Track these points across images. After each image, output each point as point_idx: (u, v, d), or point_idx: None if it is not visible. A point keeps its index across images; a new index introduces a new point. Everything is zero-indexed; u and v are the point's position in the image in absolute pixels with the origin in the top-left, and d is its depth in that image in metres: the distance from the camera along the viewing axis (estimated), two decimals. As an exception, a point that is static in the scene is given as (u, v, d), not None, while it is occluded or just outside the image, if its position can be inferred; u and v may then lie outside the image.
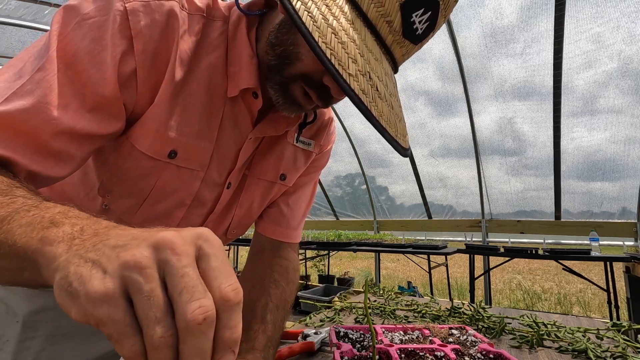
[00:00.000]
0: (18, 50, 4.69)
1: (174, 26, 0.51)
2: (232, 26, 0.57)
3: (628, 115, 3.53)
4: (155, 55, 0.51)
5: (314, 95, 0.53)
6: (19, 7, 3.81)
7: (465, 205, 4.85)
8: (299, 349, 0.66)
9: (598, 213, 3.99)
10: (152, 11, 0.49)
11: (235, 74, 0.57)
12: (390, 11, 0.46)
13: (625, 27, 3.16)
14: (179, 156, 0.57)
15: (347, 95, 0.43)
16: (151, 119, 0.53)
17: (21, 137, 0.43)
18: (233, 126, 0.61)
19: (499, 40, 3.59)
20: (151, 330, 0.23)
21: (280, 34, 0.53)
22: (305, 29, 0.40)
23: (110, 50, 0.47)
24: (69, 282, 0.25)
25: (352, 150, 5.37)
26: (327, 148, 0.83)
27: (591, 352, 0.63)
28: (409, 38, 0.48)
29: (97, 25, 0.47)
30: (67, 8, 0.48)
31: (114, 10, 0.47)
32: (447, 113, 4.49)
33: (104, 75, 0.47)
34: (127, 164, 0.56)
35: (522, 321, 0.83)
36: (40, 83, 0.44)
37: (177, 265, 0.24)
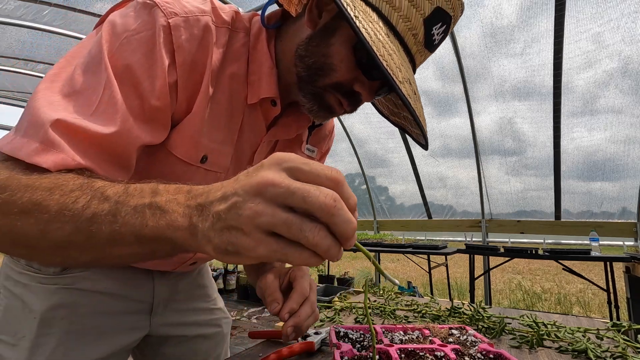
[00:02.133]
0: (18, 50, 4.69)
1: (208, 39, 0.55)
2: (253, 37, 0.62)
3: (628, 115, 3.53)
4: (192, 67, 0.54)
5: (346, 102, 0.59)
6: (18, 7, 3.81)
7: (465, 205, 4.85)
8: (299, 349, 0.66)
9: (598, 213, 4.00)
10: (191, 26, 0.53)
11: (255, 83, 0.61)
12: (415, 25, 0.53)
13: (625, 27, 3.16)
14: (209, 161, 0.61)
15: (401, 99, 0.49)
16: (188, 126, 0.57)
17: (105, 154, 0.47)
18: (250, 131, 0.65)
19: (499, 41, 3.59)
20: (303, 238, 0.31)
21: (310, 47, 0.57)
22: (369, 45, 0.46)
23: (160, 63, 0.51)
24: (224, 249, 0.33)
25: (352, 150, 5.37)
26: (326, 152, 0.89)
27: (591, 352, 0.63)
28: (428, 47, 0.57)
29: (145, 40, 0.50)
30: (112, 24, 0.51)
31: (158, 26, 0.51)
32: (447, 113, 4.50)
33: (155, 87, 0.51)
34: (160, 169, 0.59)
35: (522, 321, 0.83)
36: (110, 103, 0.47)
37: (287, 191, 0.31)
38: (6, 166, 0.42)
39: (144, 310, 0.76)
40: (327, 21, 0.57)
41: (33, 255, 0.41)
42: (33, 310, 0.63)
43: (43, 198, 0.38)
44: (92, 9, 3.91)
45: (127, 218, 0.36)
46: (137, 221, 0.36)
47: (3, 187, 0.39)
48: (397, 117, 0.77)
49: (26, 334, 0.63)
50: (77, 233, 0.37)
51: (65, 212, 0.37)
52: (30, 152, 0.42)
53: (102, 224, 0.37)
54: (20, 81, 5.58)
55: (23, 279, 0.65)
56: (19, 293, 0.65)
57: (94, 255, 0.39)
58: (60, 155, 0.42)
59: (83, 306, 0.66)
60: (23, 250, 0.41)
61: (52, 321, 0.64)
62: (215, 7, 0.58)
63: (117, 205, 0.37)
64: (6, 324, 0.64)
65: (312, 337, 0.70)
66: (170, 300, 0.81)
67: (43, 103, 0.45)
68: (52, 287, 0.64)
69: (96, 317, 0.68)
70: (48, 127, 0.42)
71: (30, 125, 0.43)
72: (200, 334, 0.87)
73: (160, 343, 0.82)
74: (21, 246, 0.40)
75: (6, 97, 6.28)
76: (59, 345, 0.63)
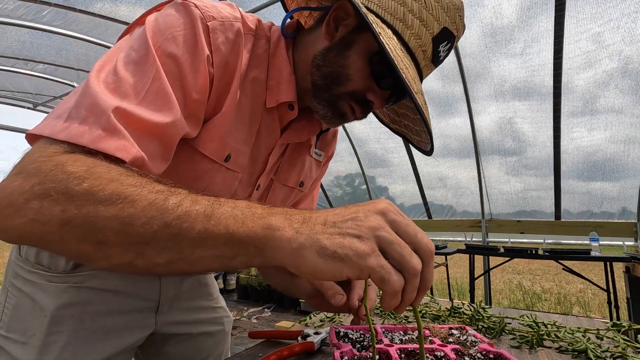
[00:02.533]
0: (18, 50, 4.69)
1: (239, 44, 0.59)
2: (273, 45, 0.66)
3: (628, 115, 3.53)
4: (225, 69, 0.58)
5: (358, 109, 0.64)
6: (18, 7, 3.81)
7: (465, 205, 4.85)
8: (299, 349, 0.66)
9: (598, 213, 3.99)
10: (226, 30, 0.57)
11: (274, 88, 0.65)
12: (425, 43, 0.59)
13: (625, 27, 3.16)
14: (231, 159, 0.64)
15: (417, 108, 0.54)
16: (218, 125, 0.60)
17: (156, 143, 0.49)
18: (266, 134, 0.68)
19: (498, 41, 3.59)
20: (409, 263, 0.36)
21: (328, 57, 0.62)
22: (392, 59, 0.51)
23: (202, 60, 0.53)
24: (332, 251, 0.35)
25: (352, 150, 5.37)
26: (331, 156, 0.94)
27: (591, 352, 0.63)
28: (434, 62, 0.63)
29: (188, 37, 0.53)
30: (154, 22, 0.54)
31: (198, 28, 0.54)
32: (447, 113, 4.49)
33: (198, 82, 0.54)
34: (186, 166, 0.61)
35: (522, 321, 0.83)
36: (160, 94, 0.49)
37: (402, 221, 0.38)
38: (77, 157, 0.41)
39: (151, 308, 0.77)
40: (343, 35, 0.61)
41: (98, 254, 0.39)
42: (43, 309, 0.64)
43: (130, 192, 0.38)
44: (92, 8, 3.90)
45: (222, 218, 0.37)
46: (232, 222, 0.37)
47: (83, 177, 0.38)
48: (397, 124, 0.81)
49: (36, 333, 0.63)
50: (164, 229, 0.37)
51: (155, 207, 0.37)
52: (94, 138, 0.42)
53: (195, 222, 0.37)
54: (20, 81, 5.58)
55: (33, 278, 0.66)
56: (28, 291, 0.65)
57: (171, 257, 0.38)
58: (122, 141, 0.43)
59: (92, 304, 0.67)
60: (90, 247, 0.38)
61: (62, 319, 0.64)
62: (243, 15, 0.62)
63: (212, 207, 0.38)
64: (15, 323, 0.65)
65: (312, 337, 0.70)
66: (176, 298, 0.82)
67: (98, 91, 0.45)
68: (62, 286, 0.65)
69: (105, 315, 0.68)
70: (110, 114, 0.43)
71: (89, 113, 0.44)
72: (204, 332, 0.88)
73: (164, 341, 0.83)
74: (91, 242, 0.38)
75: (6, 97, 6.28)
76: (69, 343, 0.64)
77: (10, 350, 0.63)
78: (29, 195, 0.38)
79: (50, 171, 0.39)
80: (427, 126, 0.59)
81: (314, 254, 0.35)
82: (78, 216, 0.37)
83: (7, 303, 0.67)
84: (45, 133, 0.43)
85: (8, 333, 0.65)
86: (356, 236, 0.35)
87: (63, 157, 0.40)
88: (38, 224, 0.37)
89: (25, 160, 0.42)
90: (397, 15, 0.57)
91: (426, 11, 0.58)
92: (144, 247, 0.38)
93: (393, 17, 0.57)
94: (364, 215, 0.37)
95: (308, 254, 0.35)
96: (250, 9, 3.64)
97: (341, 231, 0.36)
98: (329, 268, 0.35)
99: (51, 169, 0.39)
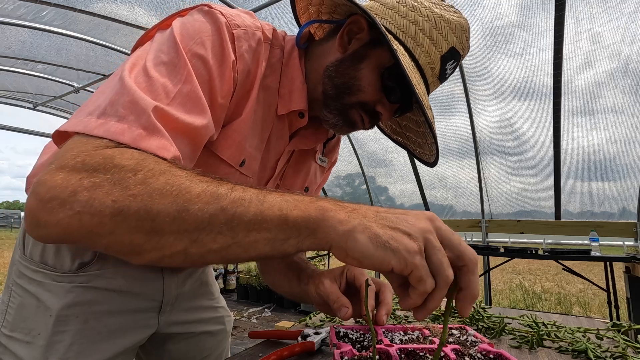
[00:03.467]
0: (18, 50, 4.68)
1: (260, 52, 0.61)
2: (286, 54, 0.68)
3: (628, 115, 3.53)
4: (247, 75, 0.60)
5: (367, 119, 0.67)
6: (18, 7, 3.81)
7: (465, 205, 4.85)
8: (299, 349, 0.66)
9: (598, 213, 3.99)
10: (249, 38, 0.59)
11: (286, 96, 0.67)
12: (434, 60, 0.62)
13: (625, 27, 3.15)
14: (245, 164, 0.66)
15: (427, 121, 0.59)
16: (237, 131, 0.61)
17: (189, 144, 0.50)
18: (276, 140, 0.71)
19: (498, 40, 3.59)
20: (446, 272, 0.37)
21: (341, 69, 0.64)
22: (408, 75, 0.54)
23: (227, 65, 0.55)
24: (385, 240, 0.36)
25: (352, 150, 5.37)
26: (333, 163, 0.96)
27: (591, 352, 0.63)
28: (440, 79, 0.66)
29: (216, 43, 0.55)
30: (182, 26, 0.55)
31: (225, 34, 0.55)
32: (447, 113, 4.49)
33: (224, 86, 0.55)
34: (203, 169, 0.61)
35: (522, 321, 0.83)
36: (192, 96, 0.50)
37: (448, 230, 0.40)
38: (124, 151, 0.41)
39: (154, 308, 0.77)
40: (357, 48, 0.64)
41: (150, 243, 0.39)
42: (49, 308, 0.64)
43: (182, 181, 0.39)
44: (91, 8, 3.90)
45: (275, 202, 0.39)
46: (285, 204, 0.39)
47: (135, 169, 0.39)
48: (399, 135, 0.84)
49: (41, 332, 0.63)
50: (220, 213, 0.38)
51: (208, 193, 0.39)
52: (135, 137, 0.43)
53: (250, 205, 0.39)
54: (20, 81, 5.58)
55: (38, 277, 0.66)
56: (33, 291, 0.66)
57: (225, 241, 0.39)
58: (163, 140, 0.44)
59: (97, 304, 0.67)
60: (143, 237, 0.38)
61: (67, 319, 0.64)
62: (262, 24, 0.64)
63: (264, 194, 0.40)
64: (20, 322, 0.65)
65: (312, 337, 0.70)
66: (178, 298, 0.82)
67: (135, 89, 0.46)
68: (67, 285, 0.65)
69: (109, 315, 0.69)
70: (150, 113, 0.44)
71: (128, 112, 0.44)
72: (205, 331, 0.88)
73: (166, 340, 0.83)
74: (144, 231, 0.38)
75: (6, 97, 6.27)
76: (73, 343, 0.64)
77: (14, 349, 0.63)
78: (76, 188, 0.38)
79: (99, 164, 0.39)
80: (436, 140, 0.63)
81: (366, 239, 0.36)
82: (132, 205, 0.37)
83: (10, 302, 0.67)
84: (78, 129, 0.43)
85: (12, 332, 0.65)
86: (407, 233, 0.37)
87: (109, 151, 0.41)
88: (87, 216, 0.37)
89: (65, 155, 0.41)
90: (409, 34, 0.61)
91: (436, 31, 0.61)
92: (199, 233, 0.38)
93: (405, 35, 0.61)
94: (415, 217, 0.39)
95: (360, 238, 0.36)
96: (250, 9, 3.64)
97: (394, 225, 0.38)
98: (379, 255, 0.36)
99: (100, 163, 0.39)
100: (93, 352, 0.66)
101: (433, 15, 0.62)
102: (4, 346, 0.65)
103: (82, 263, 0.66)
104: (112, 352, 0.68)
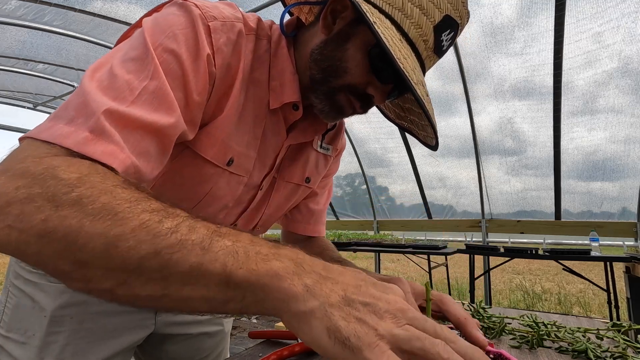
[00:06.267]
0: (18, 50, 4.68)
1: (241, 45, 0.57)
2: (274, 45, 0.63)
3: (628, 115, 3.53)
4: (227, 70, 0.56)
5: (358, 103, 0.62)
6: (19, 7, 3.81)
7: (465, 205, 4.85)
8: (299, 349, 0.66)
9: (598, 213, 3.99)
10: (228, 30, 0.55)
11: (277, 89, 0.63)
12: (426, 32, 0.56)
13: (625, 26, 3.15)
14: (234, 163, 0.62)
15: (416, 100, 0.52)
16: (219, 128, 0.58)
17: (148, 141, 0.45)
18: (272, 136, 0.67)
19: (498, 40, 3.58)
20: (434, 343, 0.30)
21: (325, 51, 0.60)
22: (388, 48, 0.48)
23: (202, 60, 0.51)
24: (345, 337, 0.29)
25: (352, 149, 5.37)
26: (341, 150, 0.91)
27: (591, 352, 0.63)
28: (437, 53, 0.60)
29: (189, 37, 0.51)
30: (154, 21, 0.52)
31: (199, 27, 0.52)
32: (447, 112, 4.49)
33: (199, 82, 0.52)
34: (187, 170, 0.59)
35: (522, 321, 0.83)
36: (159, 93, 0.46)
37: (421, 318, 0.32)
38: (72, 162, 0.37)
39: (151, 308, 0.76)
40: (341, 27, 0.59)
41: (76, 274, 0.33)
42: (43, 309, 0.64)
43: (122, 208, 0.33)
44: (90, 7, 3.90)
45: (220, 253, 0.32)
46: (231, 259, 0.32)
47: (74, 185, 0.34)
48: (403, 120, 0.79)
49: (36, 332, 0.63)
50: (153, 257, 0.31)
51: (146, 229, 0.32)
52: (79, 140, 0.39)
53: (189, 254, 0.32)
54: (20, 81, 5.58)
55: (33, 278, 0.66)
56: (29, 292, 0.66)
57: (155, 291, 0.33)
58: (110, 146, 0.40)
59: (92, 305, 0.67)
60: (68, 266, 0.33)
61: (62, 320, 0.64)
62: (244, 15, 0.60)
63: (211, 239, 0.33)
64: (16, 322, 0.65)
65: (312, 337, 0.70)
66: None
67: (90, 90, 0.42)
68: (61, 286, 0.65)
69: (105, 315, 0.68)
70: (100, 115, 0.40)
71: (78, 114, 0.41)
72: (204, 332, 0.88)
73: (163, 341, 0.83)
74: (70, 260, 0.32)
75: (6, 97, 6.27)
76: (68, 344, 0.64)
77: (10, 350, 0.63)
78: (10, 199, 0.33)
79: (39, 174, 0.34)
80: (430, 118, 0.56)
81: (323, 330, 0.29)
82: (59, 229, 0.32)
83: (7, 303, 0.67)
84: (30, 133, 0.40)
85: (8, 333, 0.65)
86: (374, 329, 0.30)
87: (56, 161, 0.36)
88: (15, 232, 0.33)
89: (12, 158, 0.37)
90: (395, 5, 0.55)
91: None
92: (127, 275, 0.32)
93: (391, 7, 0.55)
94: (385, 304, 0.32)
95: (316, 326, 0.30)
96: (250, 9, 3.63)
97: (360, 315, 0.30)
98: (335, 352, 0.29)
99: (40, 172, 0.35)
100: (89, 353, 0.66)
101: None
102: (0, 347, 0.65)
103: None
104: (108, 352, 0.68)
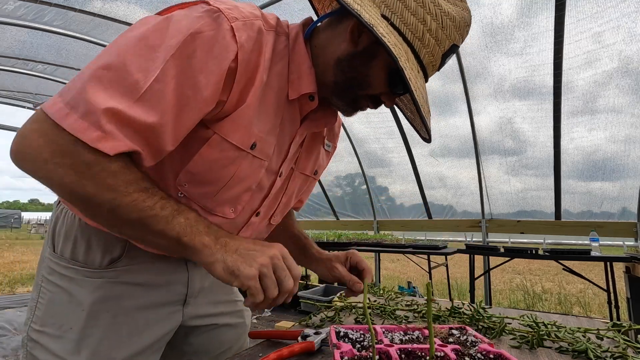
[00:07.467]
0: (18, 50, 4.68)
1: (262, 41, 0.63)
2: (292, 41, 0.71)
3: (628, 115, 3.53)
4: (248, 64, 0.62)
5: (372, 105, 0.73)
6: (19, 7, 3.81)
7: (465, 205, 4.85)
8: (299, 349, 0.66)
9: (598, 213, 3.99)
10: (249, 28, 0.61)
11: (296, 81, 0.70)
12: (436, 59, 0.66)
13: (625, 26, 3.15)
14: (257, 148, 0.68)
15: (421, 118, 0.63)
16: (242, 116, 0.64)
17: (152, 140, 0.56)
18: (289, 124, 0.74)
19: (498, 40, 3.58)
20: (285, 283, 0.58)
21: (353, 64, 0.67)
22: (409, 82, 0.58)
23: (219, 60, 0.58)
24: (233, 267, 0.55)
25: (352, 149, 5.37)
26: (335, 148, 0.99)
27: (591, 352, 0.63)
28: (438, 69, 0.70)
29: (208, 39, 0.57)
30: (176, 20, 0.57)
31: (223, 29, 0.58)
32: (447, 112, 4.49)
33: (210, 81, 0.57)
34: (214, 155, 0.66)
35: (522, 321, 0.83)
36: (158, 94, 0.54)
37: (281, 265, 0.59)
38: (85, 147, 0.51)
39: (179, 301, 0.80)
40: (367, 44, 0.66)
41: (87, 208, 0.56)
42: (81, 303, 0.67)
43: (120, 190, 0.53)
44: (89, 7, 3.90)
45: (176, 226, 0.56)
46: (182, 230, 0.56)
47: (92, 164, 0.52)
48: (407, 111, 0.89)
49: (73, 326, 0.66)
50: (137, 221, 0.55)
51: (135, 205, 0.54)
52: (94, 138, 0.51)
53: (158, 223, 0.55)
54: (20, 81, 5.58)
55: (69, 273, 0.69)
56: (65, 286, 0.68)
57: (137, 234, 0.59)
58: (116, 142, 0.52)
59: (126, 299, 0.70)
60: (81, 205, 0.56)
61: (99, 314, 0.67)
62: (263, 13, 0.67)
63: (173, 216, 0.56)
64: (50, 317, 0.68)
65: (312, 337, 0.70)
66: (201, 291, 0.85)
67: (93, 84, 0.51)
68: (98, 281, 0.68)
69: (137, 310, 0.71)
70: (101, 116, 0.51)
71: (86, 111, 0.51)
72: (227, 323, 0.91)
73: (188, 333, 0.85)
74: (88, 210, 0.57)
75: (6, 97, 6.27)
76: (104, 337, 0.67)
77: (45, 343, 0.66)
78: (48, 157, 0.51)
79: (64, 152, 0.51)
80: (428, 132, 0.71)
81: (220, 268, 0.56)
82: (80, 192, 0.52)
83: (40, 299, 0.70)
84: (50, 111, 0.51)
85: (42, 327, 0.67)
86: (249, 265, 0.56)
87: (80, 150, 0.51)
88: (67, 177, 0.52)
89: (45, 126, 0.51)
90: (417, 34, 0.63)
91: (442, 32, 0.63)
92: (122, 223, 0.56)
93: (413, 36, 0.63)
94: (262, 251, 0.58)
95: (217, 267, 0.56)
96: (250, 9, 3.63)
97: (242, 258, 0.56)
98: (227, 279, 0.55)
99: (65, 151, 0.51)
100: (123, 346, 0.68)
101: (441, 14, 0.62)
102: (34, 341, 0.67)
103: (112, 259, 0.69)
104: (140, 345, 0.71)
